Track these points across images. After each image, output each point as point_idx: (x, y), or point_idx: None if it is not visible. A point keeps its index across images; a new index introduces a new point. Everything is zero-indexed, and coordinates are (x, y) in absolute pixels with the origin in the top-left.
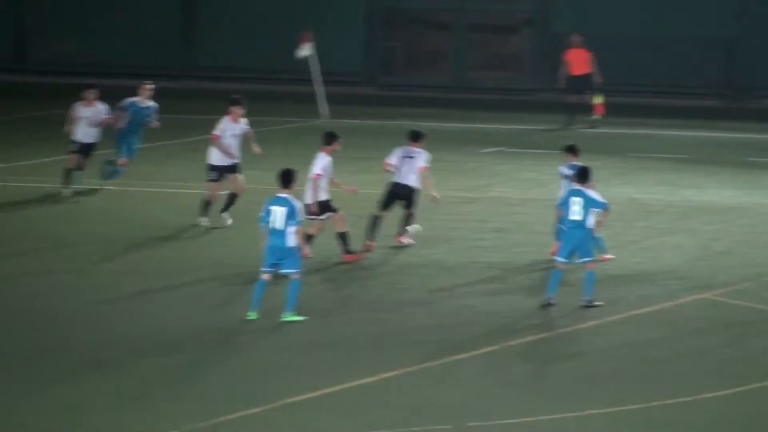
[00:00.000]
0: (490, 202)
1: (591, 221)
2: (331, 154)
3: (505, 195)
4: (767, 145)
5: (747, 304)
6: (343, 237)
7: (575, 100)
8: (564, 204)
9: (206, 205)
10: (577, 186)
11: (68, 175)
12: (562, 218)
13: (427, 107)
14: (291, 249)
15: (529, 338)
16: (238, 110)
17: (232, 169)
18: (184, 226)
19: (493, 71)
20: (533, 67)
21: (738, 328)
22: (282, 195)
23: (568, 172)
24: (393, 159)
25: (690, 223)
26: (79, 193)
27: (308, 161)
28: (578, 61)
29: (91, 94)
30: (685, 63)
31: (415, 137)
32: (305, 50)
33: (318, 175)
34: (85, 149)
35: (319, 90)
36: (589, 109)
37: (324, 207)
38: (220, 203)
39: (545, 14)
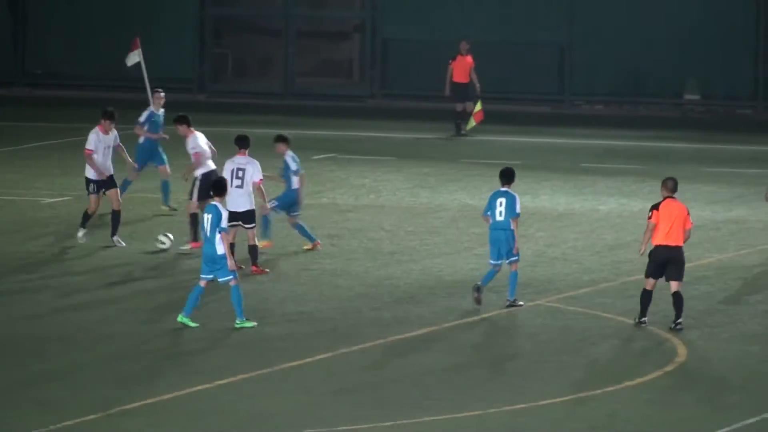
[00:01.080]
0: (322, 208)
1: (513, 223)
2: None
3: (336, 201)
4: (600, 150)
5: (583, 311)
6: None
7: (461, 108)
8: (489, 207)
9: (86, 217)
10: (503, 188)
11: None
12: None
13: (257, 114)
14: (220, 256)
15: (364, 345)
16: (108, 123)
17: (107, 183)
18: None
19: (322, 77)
20: (363, 73)
21: (574, 335)
22: (212, 203)
23: (293, 165)
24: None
25: (524, 229)
26: None
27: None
28: (460, 69)
29: None
30: (518, 68)
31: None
32: (134, 57)
33: (261, 179)
34: None
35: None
36: (449, 116)
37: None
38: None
39: (375, 20)
